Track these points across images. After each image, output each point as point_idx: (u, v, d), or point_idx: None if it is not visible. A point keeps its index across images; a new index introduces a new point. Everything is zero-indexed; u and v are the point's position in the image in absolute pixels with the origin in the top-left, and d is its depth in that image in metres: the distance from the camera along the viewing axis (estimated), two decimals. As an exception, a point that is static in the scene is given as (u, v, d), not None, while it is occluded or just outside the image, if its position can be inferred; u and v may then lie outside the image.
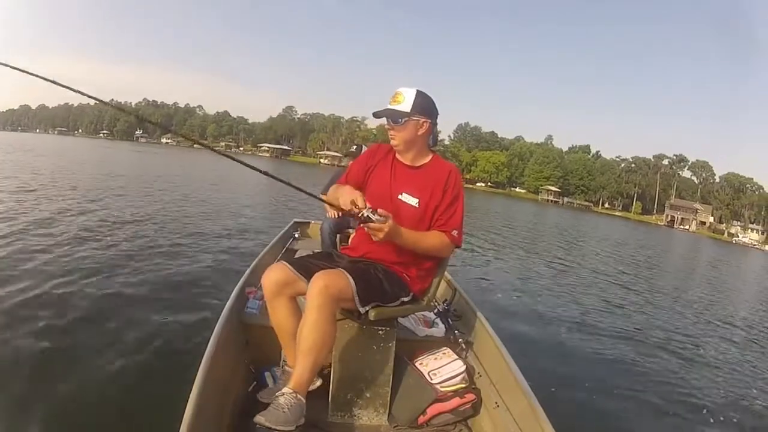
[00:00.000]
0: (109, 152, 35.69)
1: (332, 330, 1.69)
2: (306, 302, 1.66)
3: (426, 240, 1.87)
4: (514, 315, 5.38)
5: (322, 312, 1.63)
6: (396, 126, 1.88)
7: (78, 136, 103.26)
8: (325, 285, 1.64)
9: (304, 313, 1.66)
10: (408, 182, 1.93)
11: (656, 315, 7.02)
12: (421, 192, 1.91)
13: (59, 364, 2.76)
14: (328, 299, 1.64)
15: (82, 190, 10.69)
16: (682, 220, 73.90)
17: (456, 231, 1.90)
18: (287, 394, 1.58)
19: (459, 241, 1.93)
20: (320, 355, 1.66)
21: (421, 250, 1.87)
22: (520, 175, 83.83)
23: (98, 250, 5.43)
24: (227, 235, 7.56)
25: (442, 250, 1.93)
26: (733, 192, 76.82)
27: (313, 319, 1.62)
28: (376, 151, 2.07)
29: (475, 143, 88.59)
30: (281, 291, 1.81)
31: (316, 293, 1.63)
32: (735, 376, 4.75)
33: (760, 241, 66.35)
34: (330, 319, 1.66)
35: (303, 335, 1.64)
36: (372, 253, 1.92)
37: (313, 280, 1.66)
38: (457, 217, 1.91)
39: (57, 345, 2.97)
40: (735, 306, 9.90)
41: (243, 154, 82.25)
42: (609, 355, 4.62)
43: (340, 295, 1.69)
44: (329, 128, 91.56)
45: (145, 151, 47.62)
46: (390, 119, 1.88)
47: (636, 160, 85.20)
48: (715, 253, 30.95)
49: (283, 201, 13.92)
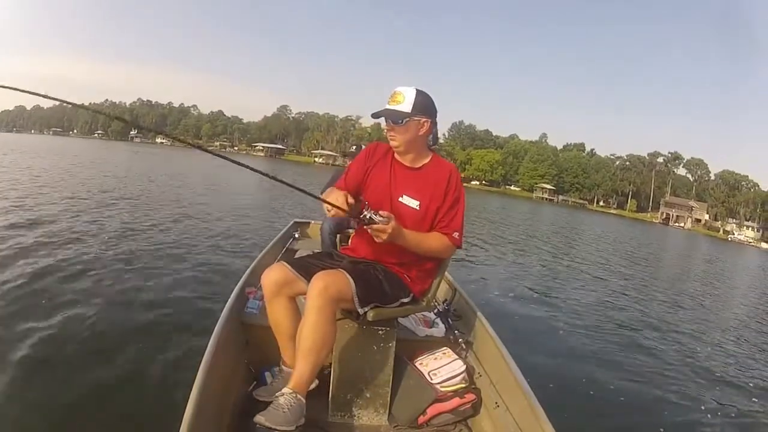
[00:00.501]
0: (106, 154, 35.29)
1: (332, 330, 1.69)
2: (306, 303, 1.65)
3: (427, 241, 1.85)
4: (514, 315, 5.37)
5: (322, 313, 1.63)
6: (396, 127, 1.83)
7: (73, 137, 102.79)
8: (325, 286, 1.64)
9: (304, 313, 1.66)
10: (408, 184, 1.91)
11: (656, 315, 7.02)
12: (422, 194, 1.89)
13: (59, 365, 2.74)
14: (327, 300, 1.64)
15: (79, 191, 10.65)
16: (677, 218, 74.22)
17: (457, 233, 1.88)
18: (287, 394, 1.57)
19: (459, 243, 1.91)
20: (320, 356, 1.65)
21: (422, 251, 1.86)
22: (515, 174, 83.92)
23: (98, 250, 5.40)
24: (227, 235, 7.55)
25: (443, 251, 1.92)
26: (728, 189, 76.78)
27: (313, 319, 1.62)
28: (374, 151, 2.02)
29: (469, 141, 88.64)
30: (280, 291, 1.81)
31: (316, 294, 1.63)
32: (735, 376, 4.73)
33: (756, 238, 66.61)
34: (330, 319, 1.66)
35: (303, 336, 1.64)
36: (372, 254, 1.91)
37: (313, 281, 1.66)
38: (458, 219, 1.89)
39: (57, 345, 2.95)
40: (736, 305, 9.93)
41: (237, 154, 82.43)
42: (609, 355, 4.60)
43: (340, 296, 1.68)
44: (324, 127, 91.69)
45: (141, 151, 47.41)
46: (390, 120, 1.83)
47: (631, 158, 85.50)
48: (711, 251, 31.17)
49: (283, 201, 13.92)
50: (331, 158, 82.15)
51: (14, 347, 2.85)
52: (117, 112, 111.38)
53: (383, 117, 1.84)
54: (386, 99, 1.85)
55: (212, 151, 1.65)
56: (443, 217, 1.88)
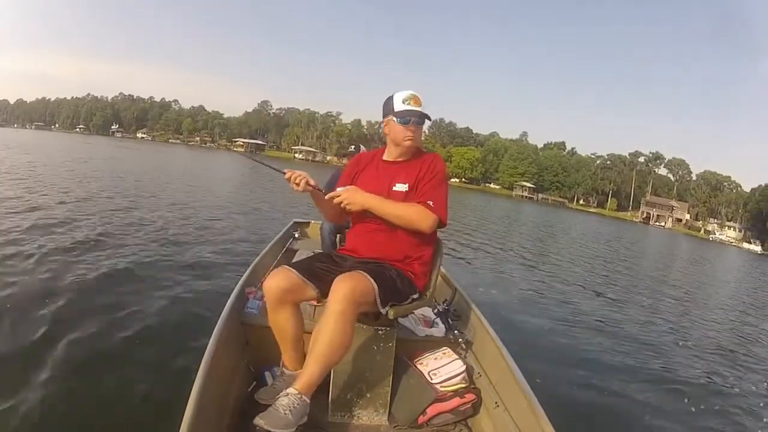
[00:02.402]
0: (91, 149, 34.28)
1: (351, 334, 1.68)
2: (327, 307, 1.64)
3: (402, 207, 1.89)
4: (514, 315, 5.40)
5: (344, 317, 1.61)
6: (419, 127, 1.99)
7: (55, 131, 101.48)
8: (351, 289, 1.63)
9: (325, 317, 1.63)
10: (398, 174, 1.99)
11: (656, 314, 7.08)
12: (410, 178, 1.96)
13: (58, 365, 2.71)
14: (351, 304, 1.63)
15: (76, 191, 10.28)
16: (657, 217, 74.33)
17: (432, 202, 1.89)
18: (292, 395, 1.57)
19: (440, 214, 1.91)
20: (334, 360, 1.66)
21: (398, 218, 1.88)
22: (495, 171, 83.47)
23: (98, 250, 5.31)
24: (227, 235, 7.51)
25: (419, 220, 1.89)
26: (710, 190, 77.00)
27: (335, 324, 1.60)
28: (359, 159, 2.16)
29: (449, 139, 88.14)
30: (285, 298, 1.79)
31: (341, 298, 1.61)
32: (737, 375, 4.78)
33: (737, 238, 67.01)
34: (351, 323, 1.65)
35: (320, 340, 1.61)
36: (375, 253, 1.92)
37: (337, 285, 1.64)
38: (437, 194, 1.92)
39: (56, 345, 2.92)
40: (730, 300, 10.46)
41: (218, 150, 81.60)
42: (609, 354, 4.62)
43: (363, 299, 1.69)
44: (304, 123, 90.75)
45: (125, 146, 46.63)
46: (418, 120, 1.97)
47: (611, 157, 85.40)
48: (695, 250, 32.26)
49: (283, 201, 13.94)
50: (311, 154, 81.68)
51: (12, 348, 2.84)
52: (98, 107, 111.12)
53: (419, 117, 1.97)
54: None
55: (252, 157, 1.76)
56: (423, 188, 1.93)
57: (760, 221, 66.37)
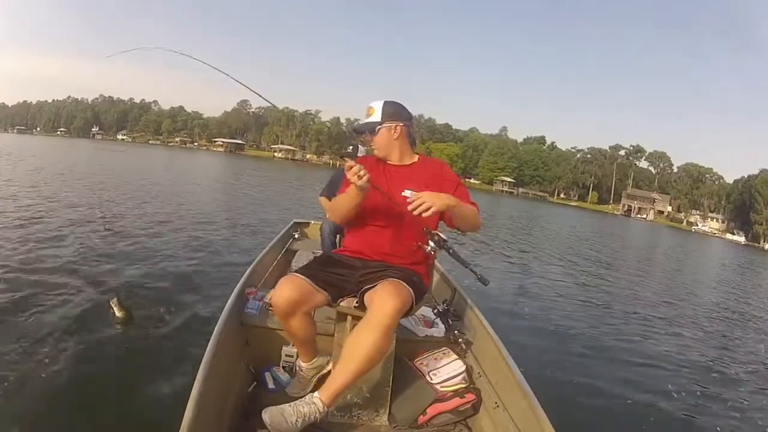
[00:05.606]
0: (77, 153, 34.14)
1: (389, 347, 1.68)
2: (370, 319, 1.58)
3: (470, 207, 1.90)
4: (514, 315, 5.42)
5: (390, 330, 1.59)
6: (373, 136, 2.00)
7: (36, 135, 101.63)
8: (403, 303, 1.61)
9: (367, 329, 1.57)
10: (406, 179, 1.96)
11: (656, 313, 7.02)
12: (420, 185, 1.87)
13: (58, 365, 2.73)
14: (398, 318, 1.61)
15: (74, 193, 10.44)
16: (639, 210, 74.75)
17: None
18: (315, 407, 1.55)
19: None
20: (366, 372, 1.63)
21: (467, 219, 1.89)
22: (475, 167, 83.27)
23: (99, 251, 5.41)
24: (226, 235, 7.62)
25: (478, 221, 1.96)
26: (691, 182, 76.73)
27: (379, 337, 1.55)
28: (363, 163, 2.00)
29: (429, 135, 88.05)
30: (295, 310, 1.75)
31: (392, 312, 1.57)
32: (735, 370, 4.83)
33: (720, 229, 68.15)
34: (392, 336, 1.68)
35: (358, 352, 1.56)
36: (379, 254, 1.91)
37: (385, 298, 1.59)
38: (468, 197, 1.94)
39: (56, 345, 2.94)
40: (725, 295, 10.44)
41: (198, 150, 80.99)
42: (609, 354, 4.61)
43: (405, 308, 1.65)
44: (283, 122, 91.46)
45: (108, 149, 46.98)
46: (367, 131, 2.01)
47: (592, 151, 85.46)
48: (676, 241, 32.91)
49: (283, 201, 14.20)
50: (291, 153, 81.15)
51: (14, 347, 2.86)
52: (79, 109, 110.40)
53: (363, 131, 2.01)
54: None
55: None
56: (459, 195, 1.89)
57: (743, 212, 66.55)
